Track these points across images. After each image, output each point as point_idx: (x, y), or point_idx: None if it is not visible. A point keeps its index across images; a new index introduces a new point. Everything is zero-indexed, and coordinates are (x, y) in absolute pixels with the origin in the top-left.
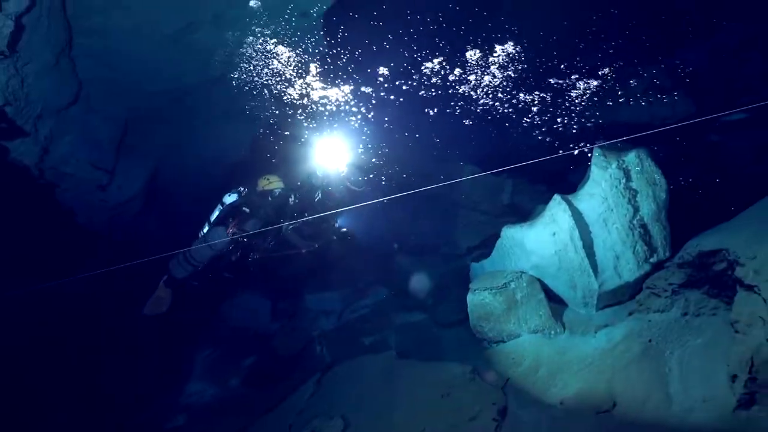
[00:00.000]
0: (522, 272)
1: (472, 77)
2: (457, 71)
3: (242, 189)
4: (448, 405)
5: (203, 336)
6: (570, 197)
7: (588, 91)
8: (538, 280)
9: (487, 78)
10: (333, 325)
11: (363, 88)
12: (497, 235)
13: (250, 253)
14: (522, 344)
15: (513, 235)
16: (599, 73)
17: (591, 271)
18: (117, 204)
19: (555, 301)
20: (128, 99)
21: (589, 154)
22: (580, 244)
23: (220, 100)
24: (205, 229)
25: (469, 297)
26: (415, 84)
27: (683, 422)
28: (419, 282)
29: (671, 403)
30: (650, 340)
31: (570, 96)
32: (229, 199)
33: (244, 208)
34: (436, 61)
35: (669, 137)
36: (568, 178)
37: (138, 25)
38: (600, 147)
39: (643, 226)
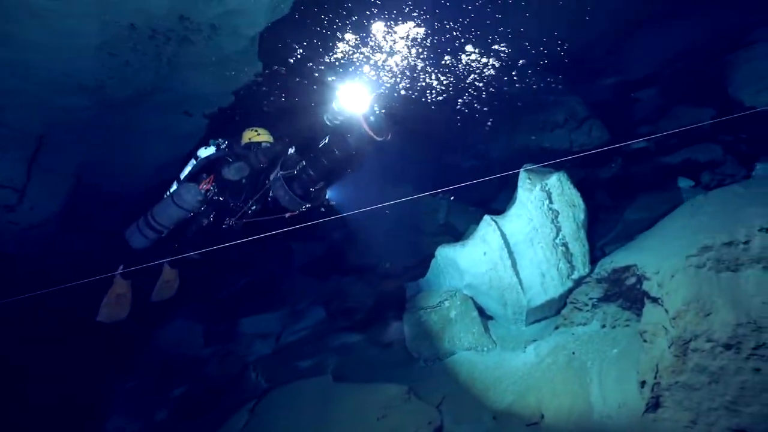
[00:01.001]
0: (456, 291)
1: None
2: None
3: (221, 141)
4: (384, 427)
5: (127, 364)
6: (499, 218)
7: (515, 118)
8: (472, 298)
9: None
10: (270, 349)
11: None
12: (433, 255)
13: (226, 217)
14: (457, 361)
15: (447, 254)
16: (519, 103)
17: (520, 288)
18: (30, 225)
19: (488, 318)
20: (43, 113)
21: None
22: (509, 262)
23: (148, 115)
24: (173, 188)
25: (405, 317)
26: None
27: (603, 429)
28: (358, 302)
29: (592, 411)
30: (574, 353)
31: (499, 121)
32: (205, 152)
33: (228, 159)
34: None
35: (586, 162)
36: (500, 198)
37: (54, 36)
38: (526, 170)
39: (565, 244)
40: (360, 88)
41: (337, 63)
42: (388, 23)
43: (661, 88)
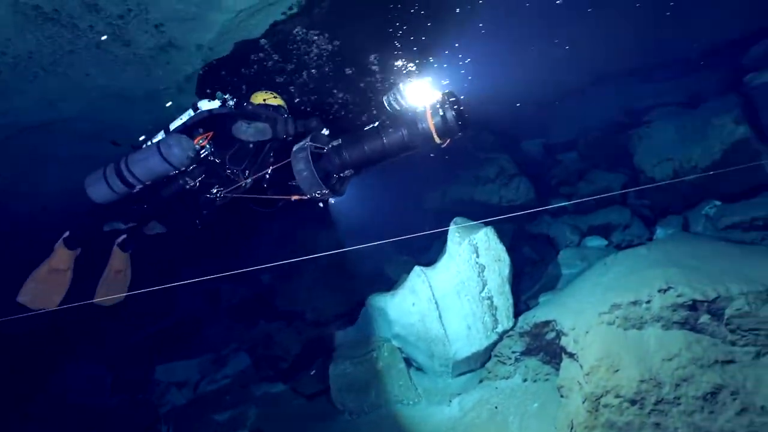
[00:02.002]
0: (384, 341)
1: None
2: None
3: (229, 97)
4: None
5: (21, 414)
6: (429, 269)
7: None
8: (399, 349)
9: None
10: (186, 399)
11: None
12: (363, 303)
13: (216, 184)
14: (383, 415)
15: (377, 303)
16: (448, 157)
17: (446, 340)
18: None
19: (415, 369)
20: None
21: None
22: (436, 314)
23: (64, 142)
24: (158, 137)
25: (331, 367)
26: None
27: None
28: (285, 349)
29: None
30: (497, 407)
31: (435, 173)
32: (208, 105)
33: (236, 118)
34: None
35: (515, 216)
36: (433, 248)
37: None
38: (455, 224)
39: (490, 298)
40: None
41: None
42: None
43: (580, 153)
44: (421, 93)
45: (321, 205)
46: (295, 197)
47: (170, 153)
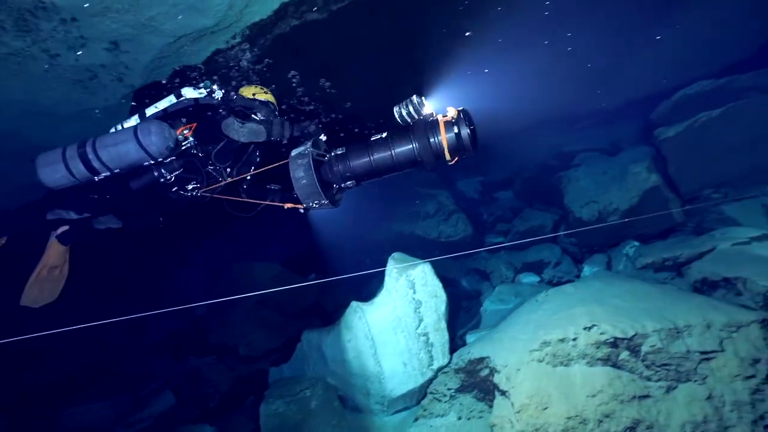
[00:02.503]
0: (319, 379)
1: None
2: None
3: (215, 88)
4: None
5: None
6: (366, 305)
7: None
8: (335, 387)
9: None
10: None
11: None
12: (299, 338)
13: (193, 181)
14: None
15: (312, 339)
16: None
17: (382, 378)
18: None
19: (351, 407)
20: None
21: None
22: (372, 351)
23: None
24: (130, 122)
25: (263, 407)
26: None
27: None
28: (214, 387)
29: None
30: None
31: (377, 208)
32: (193, 93)
33: (222, 111)
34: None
35: (454, 252)
36: (372, 283)
37: None
38: (393, 260)
39: (426, 334)
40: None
41: None
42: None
43: (515, 192)
44: (436, 107)
45: (302, 210)
46: (288, 205)
47: (149, 141)
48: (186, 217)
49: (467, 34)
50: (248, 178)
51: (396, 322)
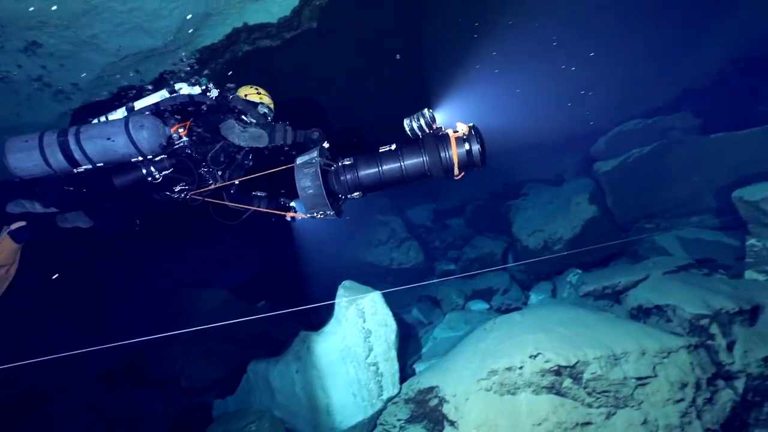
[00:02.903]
0: (265, 411)
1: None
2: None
3: (211, 86)
4: None
5: None
6: (315, 334)
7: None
8: (282, 420)
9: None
10: None
11: None
12: (245, 369)
13: (182, 182)
14: None
15: (259, 370)
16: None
17: (331, 409)
18: None
19: None
20: None
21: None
22: (320, 382)
23: None
24: (117, 114)
25: None
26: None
27: None
28: (153, 422)
29: None
30: None
31: (330, 234)
32: (189, 90)
33: (219, 111)
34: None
35: (404, 278)
36: (321, 310)
37: None
38: (344, 288)
39: (376, 364)
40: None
41: None
42: None
43: (466, 220)
44: (444, 121)
45: (289, 219)
46: (290, 215)
47: (140, 136)
48: (150, 226)
49: None
50: (236, 183)
51: (345, 352)
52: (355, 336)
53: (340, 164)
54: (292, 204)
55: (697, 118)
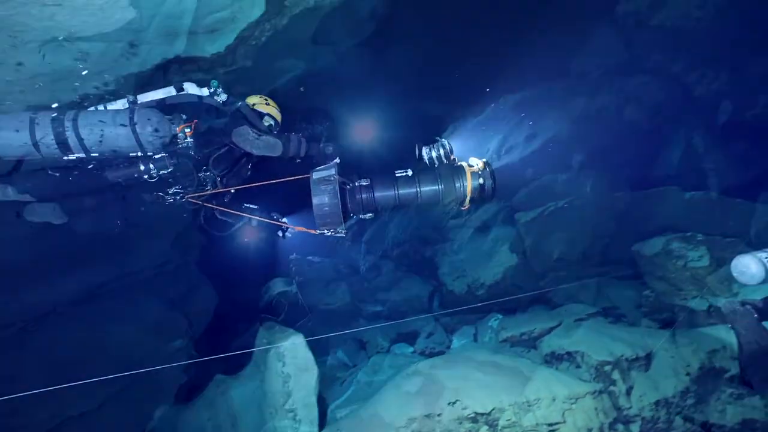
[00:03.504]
0: None
1: None
2: None
3: (217, 90)
4: None
5: None
6: (231, 379)
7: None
8: None
9: None
10: None
11: None
12: (151, 416)
13: (180, 184)
14: None
15: (171, 417)
16: None
17: None
18: None
19: None
20: None
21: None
22: (234, 431)
23: None
24: (116, 105)
25: None
26: None
27: None
28: None
29: None
30: None
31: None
32: (196, 90)
33: (248, 126)
34: None
35: (331, 321)
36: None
37: None
38: (264, 329)
39: (294, 410)
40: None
41: None
42: None
43: (395, 263)
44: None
45: (281, 234)
46: (299, 229)
47: (146, 130)
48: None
49: None
50: (232, 191)
51: (262, 398)
52: (273, 381)
53: (357, 184)
54: (284, 219)
55: (604, 177)
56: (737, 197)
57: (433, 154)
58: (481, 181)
